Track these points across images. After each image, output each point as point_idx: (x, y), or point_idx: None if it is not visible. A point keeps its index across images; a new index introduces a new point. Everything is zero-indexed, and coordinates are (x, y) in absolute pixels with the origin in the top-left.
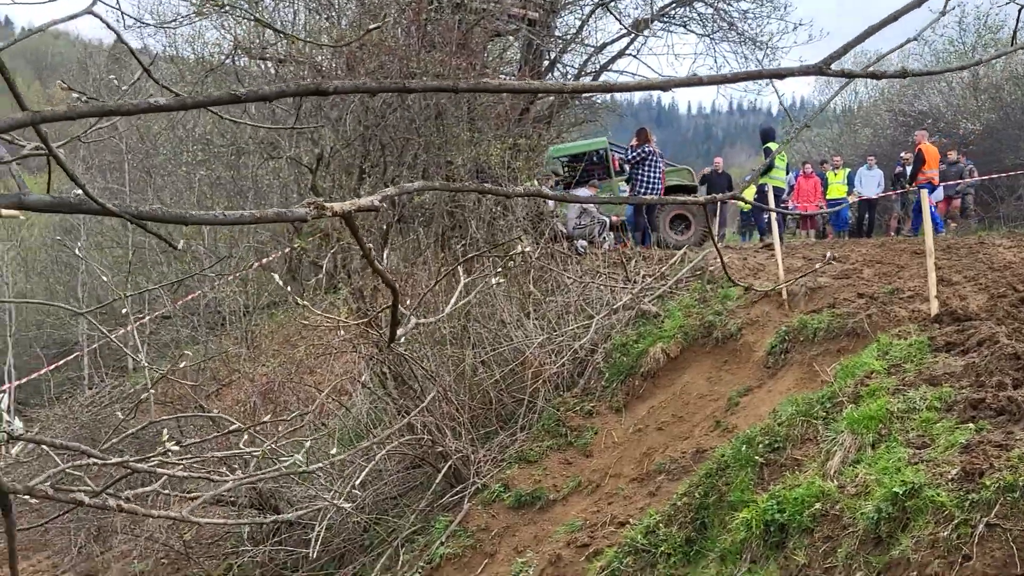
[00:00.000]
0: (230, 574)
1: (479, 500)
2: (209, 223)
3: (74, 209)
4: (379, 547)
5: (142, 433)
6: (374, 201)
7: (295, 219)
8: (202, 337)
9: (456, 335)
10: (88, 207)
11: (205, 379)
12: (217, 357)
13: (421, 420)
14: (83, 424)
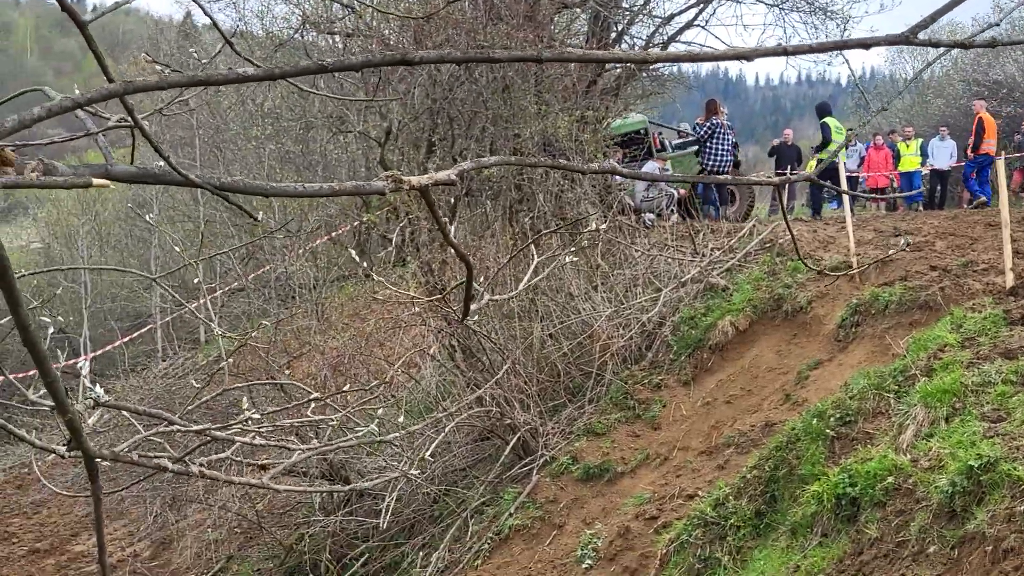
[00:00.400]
0: (301, 544)
1: (547, 472)
2: (289, 195)
3: (158, 180)
4: (448, 518)
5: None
6: (451, 175)
7: (373, 192)
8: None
9: (524, 308)
10: (171, 178)
11: (276, 351)
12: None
13: (490, 393)
14: (157, 395)
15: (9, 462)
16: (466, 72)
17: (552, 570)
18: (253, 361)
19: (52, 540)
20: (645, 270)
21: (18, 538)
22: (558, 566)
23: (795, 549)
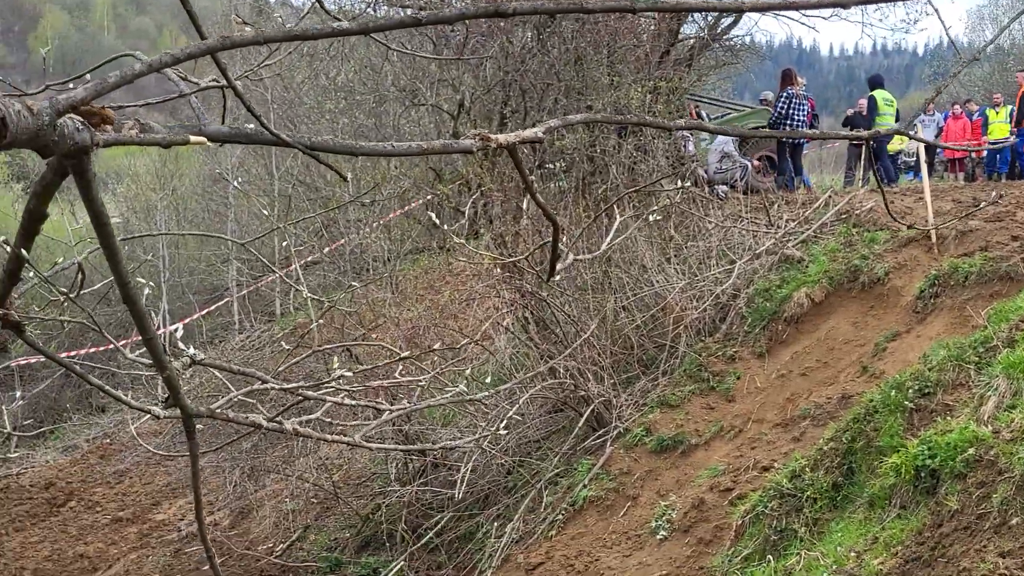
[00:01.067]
0: (378, 514)
1: (621, 444)
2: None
3: (251, 140)
4: (522, 489)
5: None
6: (538, 133)
7: (461, 150)
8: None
9: (597, 281)
10: (263, 138)
11: (351, 323)
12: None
13: (564, 365)
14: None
15: (92, 432)
16: (538, 44)
17: (626, 541)
18: (329, 333)
19: (134, 509)
20: (719, 242)
21: (101, 507)
22: (632, 537)
23: (873, 521)
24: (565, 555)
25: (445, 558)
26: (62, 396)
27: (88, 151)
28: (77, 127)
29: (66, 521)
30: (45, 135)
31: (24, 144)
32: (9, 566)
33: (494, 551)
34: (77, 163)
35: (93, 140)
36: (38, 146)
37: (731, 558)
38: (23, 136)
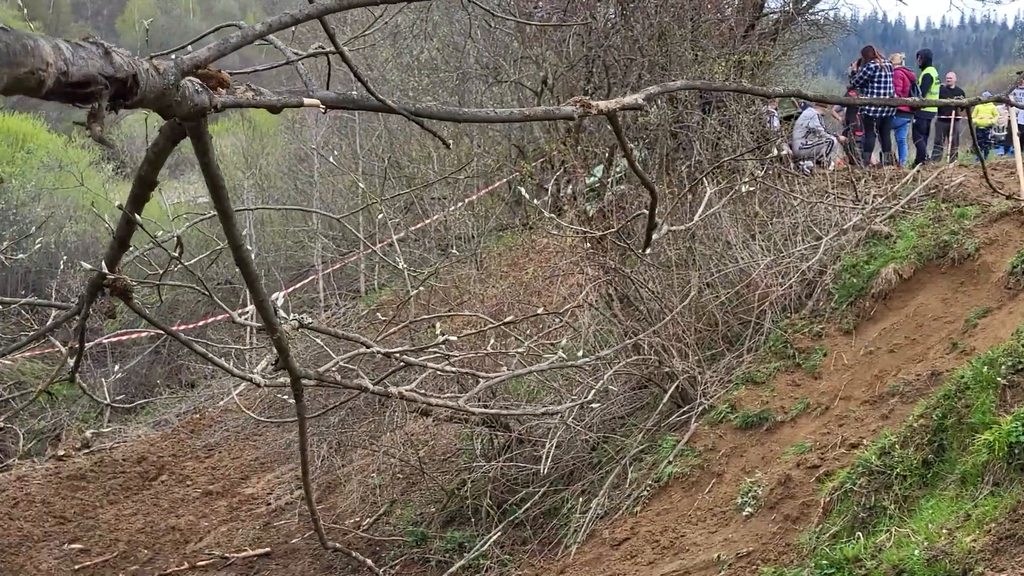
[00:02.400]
0: (463, 489)
1: (706, 420)
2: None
3: (358, 105)
4: (607, 465)
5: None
6: (638, 99)
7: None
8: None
9: (681, 257)
10: (369, 103)
11: (437, 300)
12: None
13: (648, 340)
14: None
15: (183, 407)
16: (622, 19)
17: (711, 517)
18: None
19: (224, 483)
20: (804, 218)
21: (192, 480)
22: (717, 514)
23: (965, 498)
24: (650, 531)
25: (530, 533)
26: (152, 372)
27: (207, 113)
28: (196, 89)
29: (158, 494)
30: (169, 95)
31: (151, 103)
32: (104, 537)
33: (579, 526)
34: (195, 125)
35: (212, 102)
36: (162, 106)
37: (819, 535)
38: (151, 95)
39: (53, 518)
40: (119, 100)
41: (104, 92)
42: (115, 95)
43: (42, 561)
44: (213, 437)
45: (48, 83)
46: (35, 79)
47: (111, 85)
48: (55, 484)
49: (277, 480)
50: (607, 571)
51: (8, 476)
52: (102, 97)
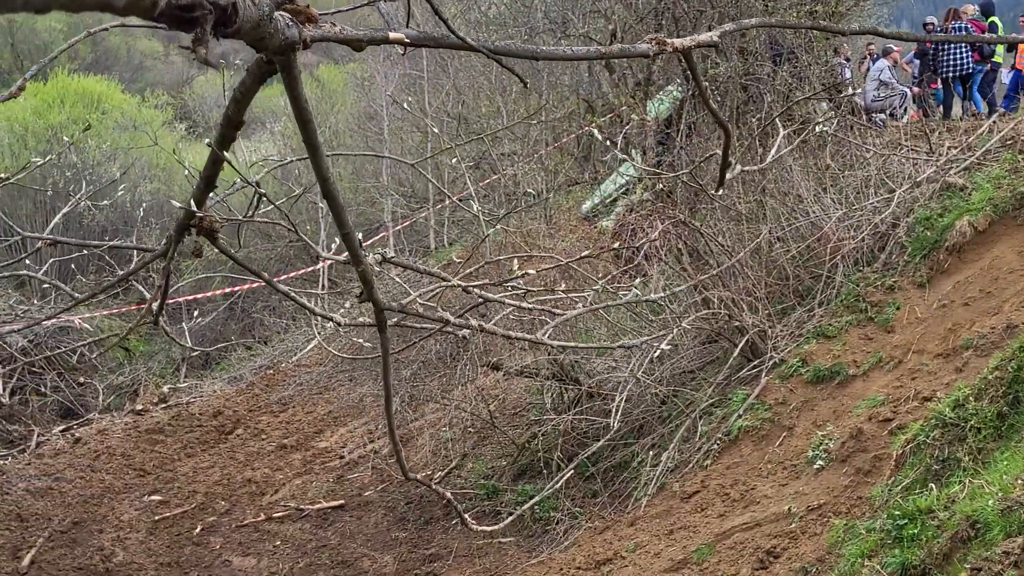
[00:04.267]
0: (534, 443)
1: (776, 374)
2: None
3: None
4: (677, 419)
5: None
6: (713, 37)
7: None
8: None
9: (751, 211)
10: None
11: (507, 254)
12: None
13: (718, 295)
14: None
15: (257, 363)
16: None
17: (782, 471)
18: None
19: (298, 436)
20: (877, 171)
21: (267, 435)
22: (788, 467)
23: None
24: (720, 484)
25: (600, 486)
26: (227, 329)
27: (296, 48)
28: (287, 23)
29: (234, 448)
30: (264, 26)
31: (247, 34)
32: (182, 489)
33: (649, 479)
34: (285, 59)
35: (301, 36)
36: (257, 37)
37: (891, 487)
38: (247, 25)
39: (133, 470)
40: (220, 27)
41: (208, 17)
42: (217, 21)
43: (123, 512)
44: (287, 392)
45: (160, 5)
46: (149, 1)
47: (214, 11)
48: (134, 438)
49: (350, 434)
50: (677, 523)
51: (89, 430)
52: (206, 22)
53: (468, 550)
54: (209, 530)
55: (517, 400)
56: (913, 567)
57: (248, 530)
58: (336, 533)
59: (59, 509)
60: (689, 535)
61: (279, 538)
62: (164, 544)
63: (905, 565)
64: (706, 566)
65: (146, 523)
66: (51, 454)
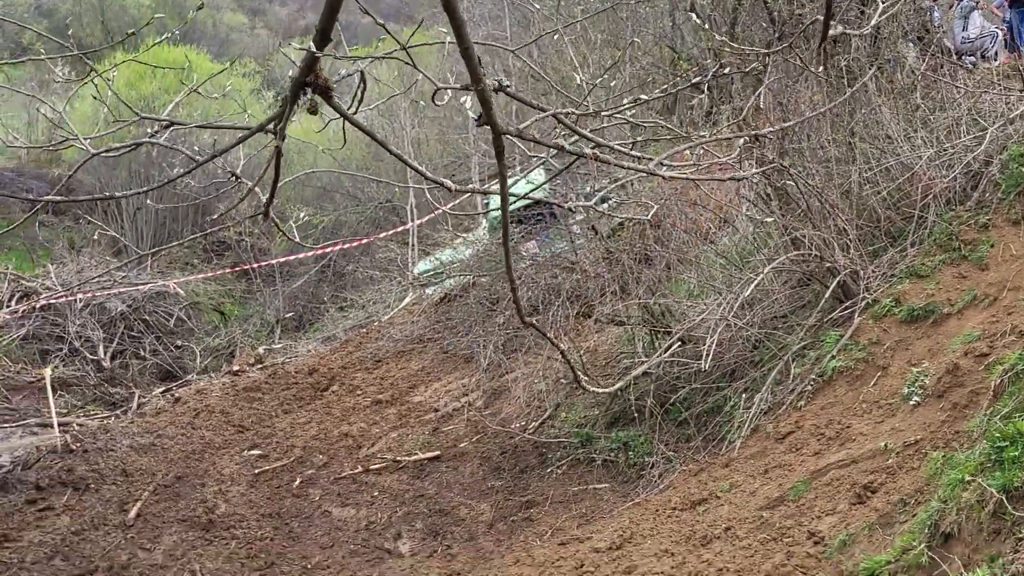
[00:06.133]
0: (626, 390)
1: (869, 315)
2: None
3: None
4: (769, 362)
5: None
6: None
7: None
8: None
9: (841, 153)
10: None
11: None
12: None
13: (808, 237)
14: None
15: (350, 322)
16: None
17: (877, 409)
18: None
19: (392, 392)
20: (968, 110)
21: (362, 391)
22: (883, 405)
23: None
24: (815, 424)
25: (694, 430)
26: (319, 290)
27: None
28: None
29: (329, 404)
30: None
31: None
32: (281, 444)
33: (743, 422)
34: None
35: None
36: None
37: (989, 418)
38: None
39: (232, 427)
40: None
41: None
42: None
43: (224, 467)
44: (380, 349)
45: None
46: None
47: None
48: (232, 396)
49: (444, 389)
50: (772, 463)
51: (189, 390)
52: None
53: (564, 496)
54: (308, 482)
55: (608, 350)
56: (1015, 488)
57: (346, 482)
58: (433, 483)
59: (162, 464)
60: (784, 473)
61: (377, 489)
62: (264, 496)
63: (1006, 487)
64: (803, 502)
65: (246, 476)
66: (153, 413)
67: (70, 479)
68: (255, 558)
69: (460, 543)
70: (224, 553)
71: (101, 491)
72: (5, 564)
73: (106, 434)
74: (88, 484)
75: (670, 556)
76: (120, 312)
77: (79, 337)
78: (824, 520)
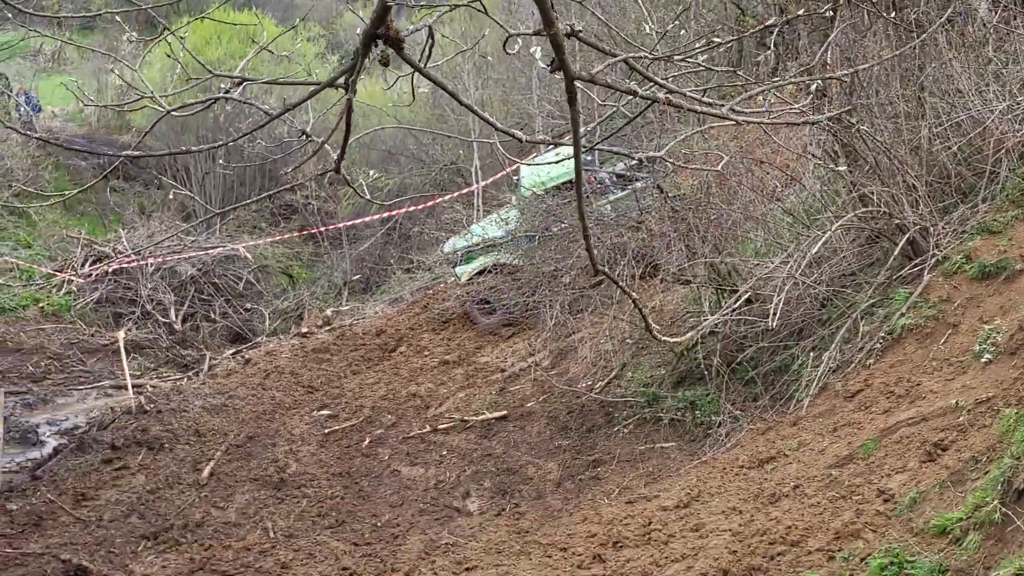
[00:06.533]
0: (693, 349)
1: (940, 272)
2: None
3: None
4: (837, 320)
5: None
6: None
7: None
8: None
9: (910, 108)
10: None
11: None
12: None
13: (876, 193)
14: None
15: (416, 284)
16: None
17: (947, 367)
18: None
19: (459, 353)
20: None
21: (429, 351)
22: (954, 363)
23: None
24: (884, 382)
25: (761, 389)
26: (386, 252)
27: None
28: None
29: (397, 364)
30: None
31: None
32: (350, 404)
33: (811, 380)
34: None
35: None
36: None
37: None
38: None
39: (302, 388)
40: None
41: None
42: None
43: (294, 426)
44: (446, 311)
45: None
46: None
47: None
48: (301, 357)
49: (510, 350)
50: (841, 421)
51: (259, 351)
52: None
53: (631, 455)
54: (377, 442)
55: (674, 310)
56: None
57: (415, 441)
58: (500, 442)
59: (234, 425)
60: (853, 432)
61: (445, 448)
62: (334, 455)
63: None
64: (872, 460)
65: (316, 436)
66: (224, 374)
67: (145, 439)
68: (326, 516)
69: (528, 501)
70: (295, 511)
71: (175, 451)
72: (84, 522)
73: (179, 395)
74: (162, 444)
75: (738, 514)
76: (190, 276)
77: (151, 300)
78: (894, 478)
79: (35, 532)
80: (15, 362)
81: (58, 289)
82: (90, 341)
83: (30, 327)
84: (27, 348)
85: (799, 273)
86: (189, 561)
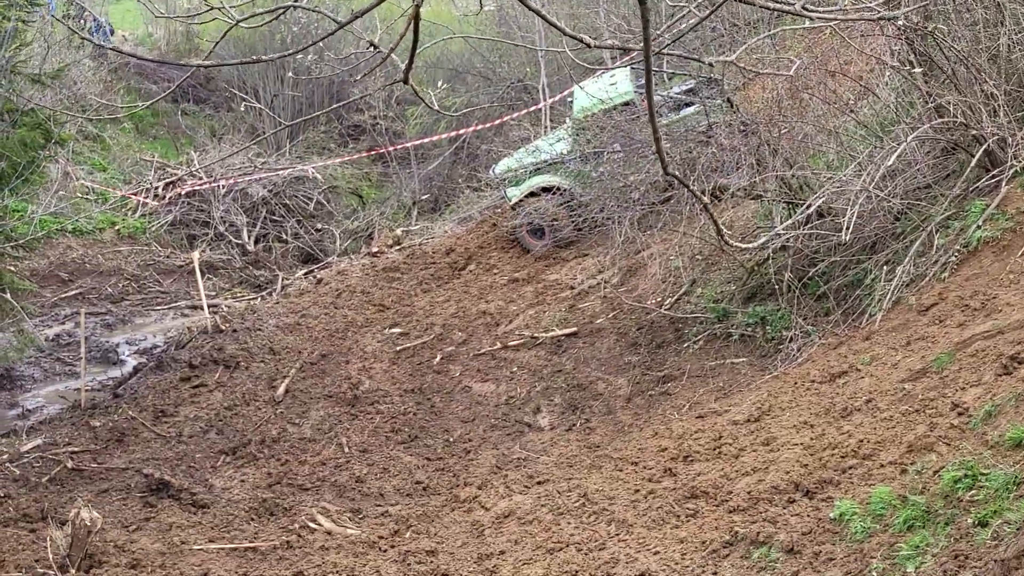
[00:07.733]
0: (764, 264)
1: (1018, 183)
2: None
3: None
4: (912, 234)
5: None
6: None
7: None
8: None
9: (989, 15)
10: None
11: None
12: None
13: (953, 103)
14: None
15: (485, 203)
16: None
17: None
18: None
19: (528, 270)
20: None
21: (498, 269)
22: None
23: None
24: (959, 295)
25: (833, 304)
26: (454, 172)
27: None
28: None
29: (467, 282)
30: None
31: None
32: (421, 322)
33: (884, 294)
34: None
35: None
36: None
37: None
38: None
39: (373, 306)
40: None
41: None
42: None
43: (367, 344)
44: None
45: None
46: None
47: None
48: (372, 276)
49: (579, 267)
50: (914, 335)
51: (330, 271)
52: None
53: (700, 370)
54: (448, 359)
55: (745, 226)
56: None
57: (485, 358)
58: (570, 359)
59: (307, 343)
60: (927, 345)
61: (515, 364)
62: (406, 372)
63: None
64: (946, 374)
65: (388, 354)
66: (296, 294)
67: (221, 358)
68: (399, 432)
69: (598, 417)
70: (369, 427)
71: (251, 369)
72: (164, 437)
73: (253, 315)
74: (238, 362)
75: (809, 428)
76: (261, 197)
77: (224, 222)
78: (968, 392)
79: (118, 448)
80: (94, 283)
81: (133, 211)
82: (166, 262)
83: (107, 249)
84: (105, 270)
85: (873, 186)
86: (267, 475)
